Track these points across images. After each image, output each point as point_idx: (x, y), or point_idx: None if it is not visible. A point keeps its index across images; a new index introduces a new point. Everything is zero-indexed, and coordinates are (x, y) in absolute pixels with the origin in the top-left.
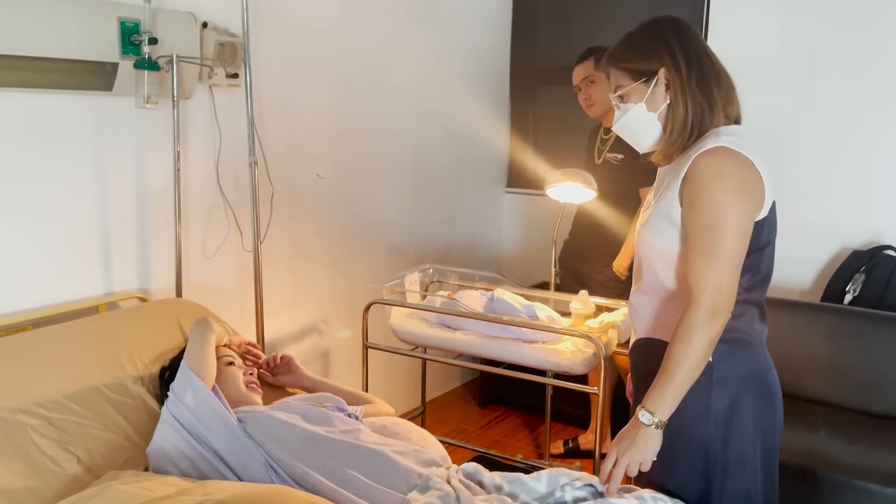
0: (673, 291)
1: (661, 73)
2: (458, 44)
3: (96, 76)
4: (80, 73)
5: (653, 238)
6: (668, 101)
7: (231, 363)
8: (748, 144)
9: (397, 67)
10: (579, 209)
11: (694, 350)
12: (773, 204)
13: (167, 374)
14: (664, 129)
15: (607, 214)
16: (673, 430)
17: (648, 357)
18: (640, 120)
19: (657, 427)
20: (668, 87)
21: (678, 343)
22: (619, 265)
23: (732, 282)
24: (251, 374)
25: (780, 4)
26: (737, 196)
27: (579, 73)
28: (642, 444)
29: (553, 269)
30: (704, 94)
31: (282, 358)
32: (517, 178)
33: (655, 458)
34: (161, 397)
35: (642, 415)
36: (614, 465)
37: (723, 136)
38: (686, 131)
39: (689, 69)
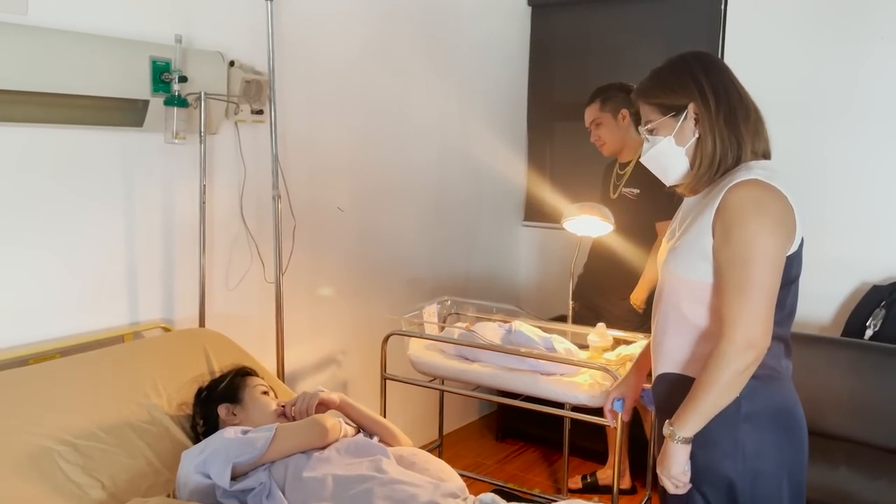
0: (696, 324)
1: (690, 108)
2: (477, 81)
3: (128, 113)
4: (113, 110)
5: (683, 270)
6: (697, 136)
7: (265, 392)
8: (780, 179)
9: (417, 104)
10: (595, 242)
11: (722, 380)
12: (802, 240)
13: (204, 393)
14: (692, 163)
15: (623, 248)
16: (702, 463)
17: (671, 392)
18: (668, 153)
19: (677, 441)
20: (696, 121)
21: (706, 372)
22: (637, 298)
23: (767, 315)
24: (283, 405)
25: (795, 41)
26: (772, 229)
27: (587, 116)
28: (667, 457)
29: (570, 302)
30: (732, 130)
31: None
32: (534, 212)
33: (686, 476)
34: (193, 418)
35: (664, 427)
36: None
37: (754, 170)
38: (714, 166)
39: (717, 105)
